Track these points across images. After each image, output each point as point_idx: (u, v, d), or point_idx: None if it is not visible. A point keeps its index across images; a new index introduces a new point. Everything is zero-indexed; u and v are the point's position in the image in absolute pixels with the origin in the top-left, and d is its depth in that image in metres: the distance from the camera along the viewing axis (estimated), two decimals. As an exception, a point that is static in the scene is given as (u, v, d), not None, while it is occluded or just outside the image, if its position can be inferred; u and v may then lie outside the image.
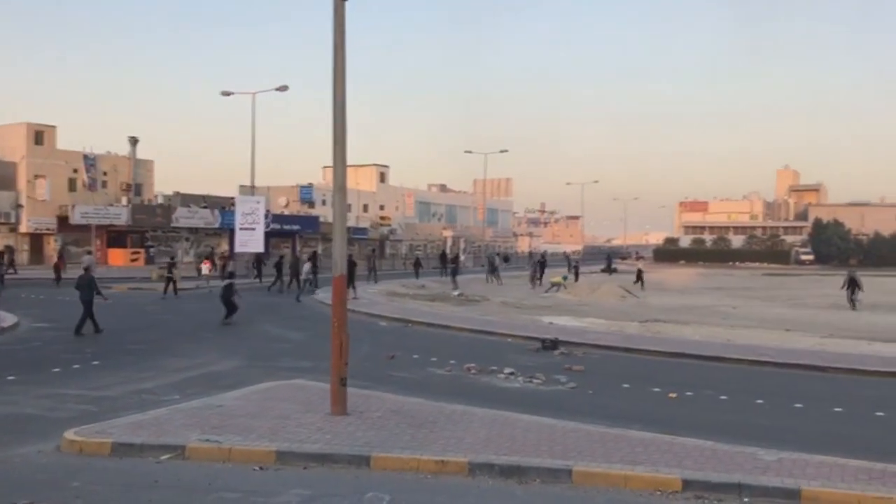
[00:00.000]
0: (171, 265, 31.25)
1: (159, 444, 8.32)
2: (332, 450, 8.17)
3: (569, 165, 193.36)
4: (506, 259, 50.92)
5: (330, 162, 10.09)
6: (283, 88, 41.30)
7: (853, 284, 32.73)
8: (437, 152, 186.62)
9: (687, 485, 7.24)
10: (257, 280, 38.02)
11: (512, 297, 34.69)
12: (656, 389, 12.83)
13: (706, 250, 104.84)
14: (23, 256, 46.06)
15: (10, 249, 41.44)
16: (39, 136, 49.16)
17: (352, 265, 30.31)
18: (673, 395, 12.42)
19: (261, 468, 7.92)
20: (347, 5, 9.68)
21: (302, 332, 19.98)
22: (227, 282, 21.88)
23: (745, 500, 7.05)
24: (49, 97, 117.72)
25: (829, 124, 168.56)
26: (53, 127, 49.80)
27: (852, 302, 32.41)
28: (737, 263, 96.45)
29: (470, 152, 69.31)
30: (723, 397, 12.31)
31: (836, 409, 11.55)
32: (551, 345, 17.41)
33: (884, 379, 14.25)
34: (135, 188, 54.73)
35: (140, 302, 27.82)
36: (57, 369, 13.48)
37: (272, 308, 26.52)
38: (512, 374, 13.97)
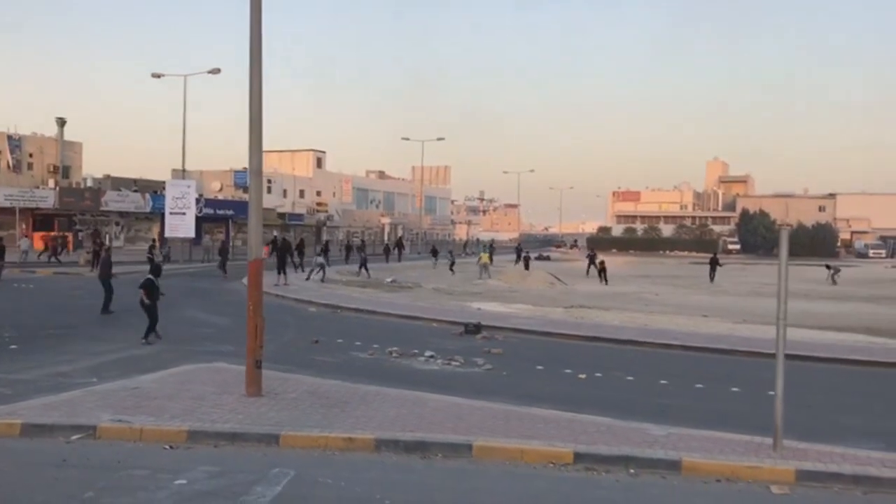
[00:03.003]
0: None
1: (70, 424, 8.41)
2: (243, 429, 8.39)
3: (507, 154, 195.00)
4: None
5: (266, 147, 10.22)
6: (216, 71, 40.81)
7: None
8: (377, 138, 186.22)
9: (578, 457, 7.70)
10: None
11: (445, 284, 35.15)
12: (568, 371, 13.35)
13: (637, 239, 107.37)
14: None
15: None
16: (-41, 115, 47.55)
17: (284, 250, 30.34)
18: (582, 376, 12.96)
19: (171, 447, 8.09)
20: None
21: (227, 318, 19.99)
22: (147, 278, 15.51)
23: (632, 470, 7.53)
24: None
25: (759, 117, 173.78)
26: (-26, 107, 48.22)
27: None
28: (667, 252, 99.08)
29: (407, 139, 68.97)
30: (630, 378, 12.90)
31: (734, 389, 12.25)
32: (474, 329, 17.85)
33: (790, 361, 15.02)
34: (62, 171, 53.33)
35: (65, 286, 27.33)
36: (-29, 354, 13.32)
37: (202, 293, 26.37)
38: (432, 357, 14.35)
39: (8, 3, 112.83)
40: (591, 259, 45.25)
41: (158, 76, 40.60)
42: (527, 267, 46.00)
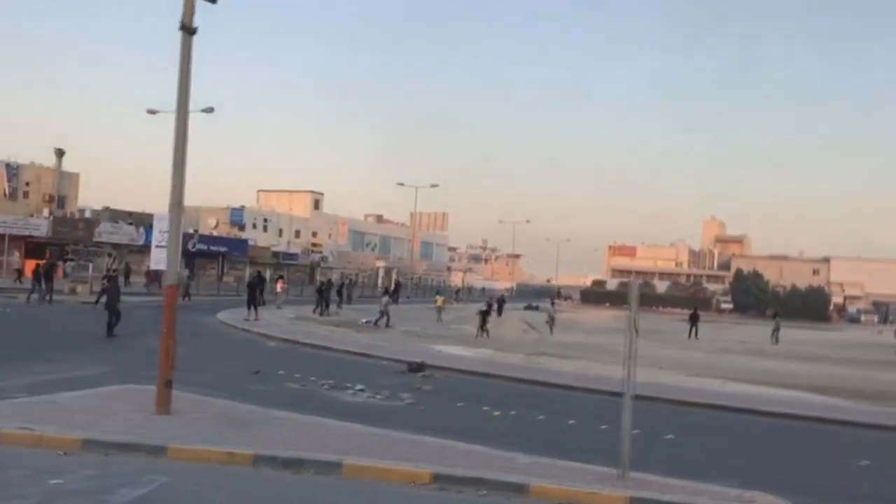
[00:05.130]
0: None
1: (-24, 429, 9.03)
2: (136, 440, 9.01)
3: (509, 204, 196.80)
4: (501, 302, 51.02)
5: (264, 186, 11.06)
6: (209, 110, 41.94)
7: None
8: (378, 183, 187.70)
9: (436, 478, 8.29)
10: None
11: (419, 327, 35.70)
12: (486, 408, 13.93)
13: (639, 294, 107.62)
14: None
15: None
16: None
17: (255, 287, 30.99)
18: (496, 413, 13.54)
19: (65, 453, 8.70)
20: (321, 31, 10.70)
21: (186, 347, 20.28)
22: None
23: (483, 492, 8.11)
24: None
25: (757, 179, 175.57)
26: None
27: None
28: (660, 308, 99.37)
29: (402, 185, 70.10)
30: (540, 417, 13.48)
31: (635, 431, 12.77)
32: (417, 367, 18.44)
33: (702, 410, 15.63)
34: (58, 201, 54.43)
35: (44, 312, 28.08)
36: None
37: (178, 324, 26.99)
38: (361, 390, 14.95)
39: (11, 34, 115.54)
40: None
41: (153, 112, 41.76)
42: (500, 313, 46.65)
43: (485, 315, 33.17)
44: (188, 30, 10.63)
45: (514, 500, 8.00)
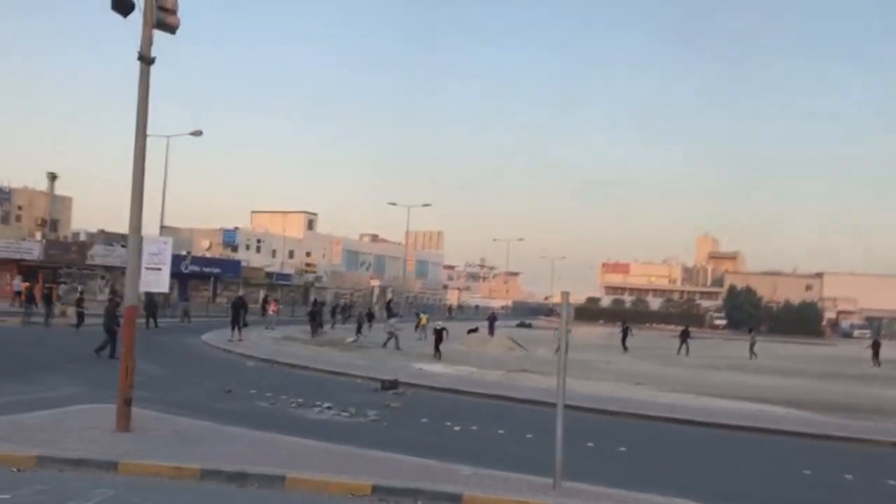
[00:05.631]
0: (80, 300, 32.20)
1: (-64, 448, 9.35)
2: (89, 456, 9.33)
3: (504, 222, 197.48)
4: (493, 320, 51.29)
5: (259, 206, 11.43)
6: (198, 133, 42.58)
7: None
8: (373, 202, 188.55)
9: (375, 489, 8.62)
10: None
11: (406, 346, 35.96)
12: (449, 424, 14.24)
13: (624, 311, 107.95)
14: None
15: None
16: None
17: (239, 308, 31.27)
18: (457, 428, 13.85)
19: (19, 470, 9.01)
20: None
21: (165, 368, 20.89)
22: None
23: (419, 502, 8.43)
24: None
25: (750, 195, 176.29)
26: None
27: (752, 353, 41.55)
28: (653, 325, 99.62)
29: (394, 204, 70.59)
30: (500, 431, 13.80)
31: (588, 444, 13.12)
32: (390, 385, 18.76)
33: (664, 423, 15.95)
34: (51, 224, 54.85)
35: (28, 334, 28.40)
36: None
37: (157, 346, 27.31)
38: (329, 407, 15.25)
39: (4, 60, 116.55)
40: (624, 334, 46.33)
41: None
42: (491, 331, 46.85)
43: (439, 334, 31.01)
44: (146, 60, 11.06)
45: (448, 510, 8.32)
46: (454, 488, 8.64)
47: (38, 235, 52.54)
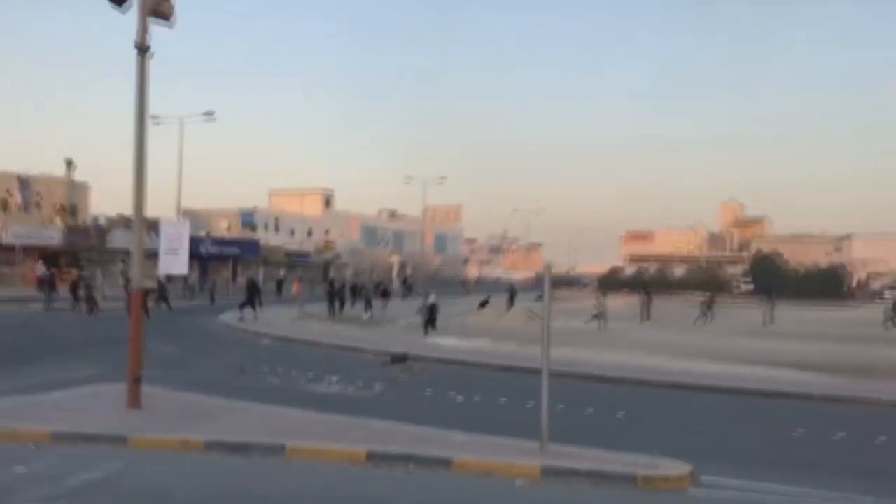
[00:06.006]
0: (88, 286, 32.81)
1: (-44, 427, 9.86)
2: (101, 431, 9.80)
3: (526, 192, 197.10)
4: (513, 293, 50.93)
5: (277, 185, 11.82)
6: (210, 114, 42.99)
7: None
8: (390, 178, 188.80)
9: (370, 456, 9.01)
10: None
11: (419, 321, 36.35)
12: (452, 394, 14.61)
13: (648, 280, 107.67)
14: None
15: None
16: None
17: (255, 288, 31.82)
18: (460, 399, 14.21)
19: (35, 445, 9.50)
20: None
21: (180, 348, 21.45)
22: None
23: (411, 466, 8.80)
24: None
25: (776, 158, 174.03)
26: (-16, 149, 51.14)
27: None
28: (678, 293, 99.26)
29: (410, 179, 70.89)
30: (503, 401, 14.14)
31: (588, 410, 13.42)
32: (399, 358, 19.18)
33: (665, 389, 16.22)
34: (70, 210, 55.74)
35: (48, 319, 29.12)
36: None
37: (175, 327, 27.93)
38: (337, 381, 15.69)
39: (20, 48, 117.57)
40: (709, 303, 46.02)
41: (155, 118, 42.78)
42: (511, 303, 46.94)
43: (431, 310, 28.53)
44: (142, 49, 11.36)
45: (439, 473, 8.68)
46: (445, 453, 9.00)
47: (58, 222, 53.45)
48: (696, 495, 8.29)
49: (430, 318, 28.11)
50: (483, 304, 43.00)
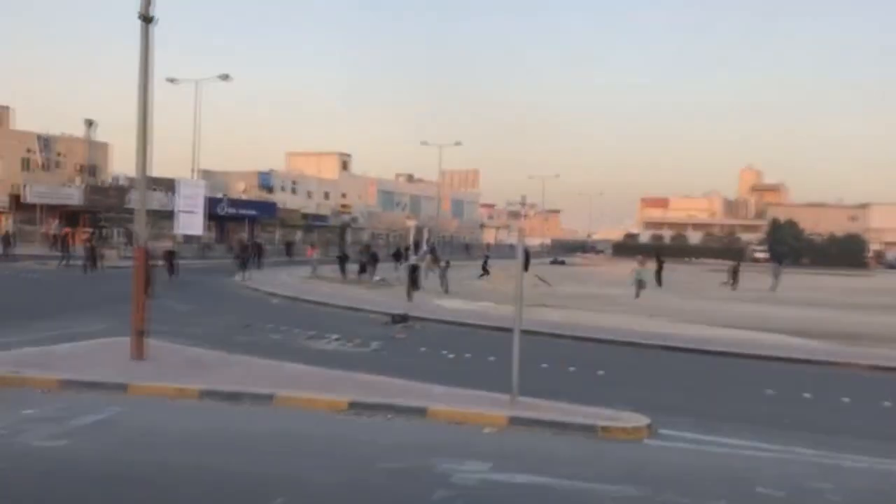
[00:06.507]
0: (92, 247, 33.84)
1: (-27, 373, 10.64)
2: (104, 379, 10.54)
3: (545, 158, 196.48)
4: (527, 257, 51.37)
5: (294, 148, 12.36)
6: (225, 76, 43.48)
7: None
8: (408, 142, 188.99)
9: (352, 405, 9.66)
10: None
11: (431, 284, 37.04)
12: (444, 352, 15.26)
13: (664, 246, 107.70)
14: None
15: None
16: (-7, 116, 51.32)
17: (245, 249, 32.67)
18: (451, 356, 14.86)
19: (44, 391, 10.25)
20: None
21: (190, 305, 22.27)
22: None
23: (389, 415, 9.46)
24: (12, 80, 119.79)
25: (795, 125, 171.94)
26: (7, 108, 51.95)
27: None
28: (693, 259, 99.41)
29: (426, 144, 71.22)
30: (491, 359, 14.74)
31: (570, 369, 14.03)
32: (400, 319, 19.82)
33: (655, 350, 16.77)
34: (90, 170, 56.71)
35: (64, 276, 30.09)
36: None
37: (191, 285, 28.77)
38: (336, 339, 16.39)
39: (40, 11, 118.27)
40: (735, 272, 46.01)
41: (172, 80, 43.35)
42: (526, 268, 47.35)
43: (414, 270, 28.49)
44: (146, 19, 11.89)
45: (413, 421, 9.34)
46: (421, 403, 9.64)
47: (79, 181, 54.46)
48: (650, 444, 8.89)
49: (413, 279, 27.42)
50: (483, 273, 43.57)
